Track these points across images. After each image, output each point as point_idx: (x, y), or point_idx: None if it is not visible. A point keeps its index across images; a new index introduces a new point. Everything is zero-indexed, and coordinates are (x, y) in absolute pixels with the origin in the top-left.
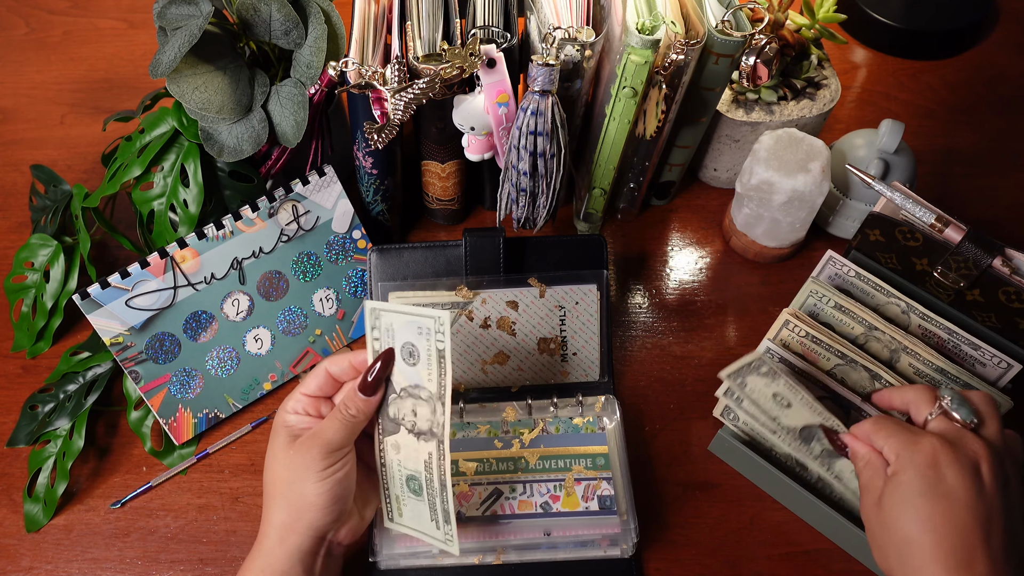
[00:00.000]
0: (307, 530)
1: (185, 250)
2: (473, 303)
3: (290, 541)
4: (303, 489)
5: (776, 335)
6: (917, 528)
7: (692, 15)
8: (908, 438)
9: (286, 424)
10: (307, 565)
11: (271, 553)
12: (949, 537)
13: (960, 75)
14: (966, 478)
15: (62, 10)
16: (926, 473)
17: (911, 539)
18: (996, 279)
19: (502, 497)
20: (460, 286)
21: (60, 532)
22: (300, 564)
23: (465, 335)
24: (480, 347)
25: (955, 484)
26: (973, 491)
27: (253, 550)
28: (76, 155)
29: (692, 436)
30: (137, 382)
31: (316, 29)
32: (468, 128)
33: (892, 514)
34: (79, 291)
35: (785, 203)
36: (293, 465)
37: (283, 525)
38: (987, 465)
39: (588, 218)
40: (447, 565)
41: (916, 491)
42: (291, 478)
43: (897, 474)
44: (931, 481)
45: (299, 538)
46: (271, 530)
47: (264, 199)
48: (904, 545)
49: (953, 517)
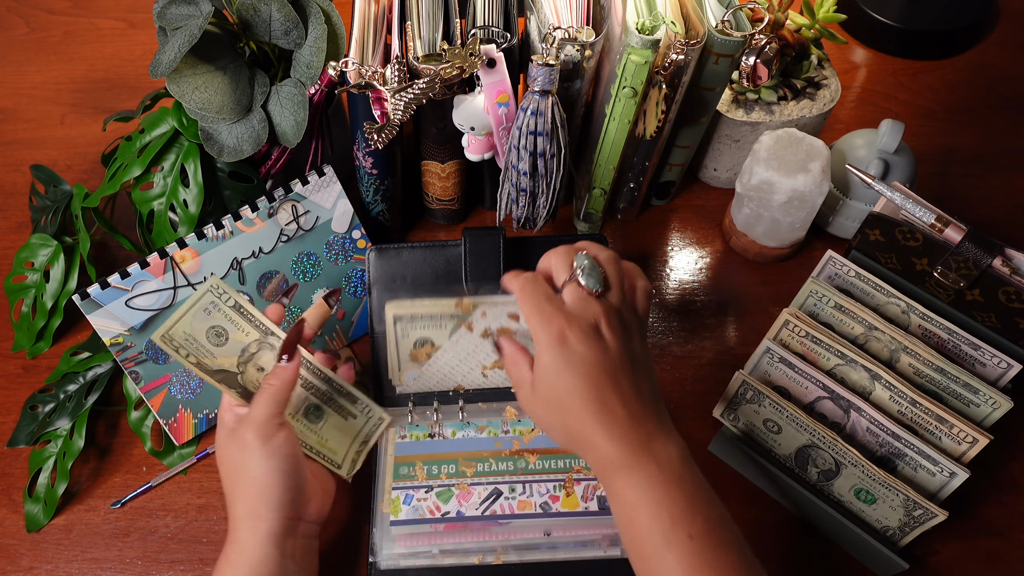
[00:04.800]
0: (272, 511)
1: (185, 250)
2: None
3: (260, 528)
4: (252, 473)
5: (776, 335)
6: (566, 398)
7: (692, 15)
8: (541, 318)
9: (224, 423)
10: (282, 547)
11: (245, 545)
12: (589, 394)
13: (960, 75)
14: (589, 342)
15: (62, 10)
16: (560, 350)
17: (564, 407)
18: (996, 279)
19: (502, 497)
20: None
21: (60, 532)
22: (275, 548)
23: (465, 343)
24: (480, 354)
25: (582, 351)
26: (598, 351)
27: (226, 549)
28: (76, 155)
29: (692, 436)
30: (137, 382)
31: (316, 29)
32: (468, 128)
33: (545, 395)
34: (79, 291)
35: (785, 203)
36: (234, 455)
37: (248, 514)
38: (606, 324)
39: (588, 218)
40: (447, 565)
41: (556, 369)
42: (238, 467)
43: (540, 357)
44: (565, 356)
45: (267, 523)
46: (239, 524)
47: (264, 199)
48: (562, 415)
49: (587, 378)
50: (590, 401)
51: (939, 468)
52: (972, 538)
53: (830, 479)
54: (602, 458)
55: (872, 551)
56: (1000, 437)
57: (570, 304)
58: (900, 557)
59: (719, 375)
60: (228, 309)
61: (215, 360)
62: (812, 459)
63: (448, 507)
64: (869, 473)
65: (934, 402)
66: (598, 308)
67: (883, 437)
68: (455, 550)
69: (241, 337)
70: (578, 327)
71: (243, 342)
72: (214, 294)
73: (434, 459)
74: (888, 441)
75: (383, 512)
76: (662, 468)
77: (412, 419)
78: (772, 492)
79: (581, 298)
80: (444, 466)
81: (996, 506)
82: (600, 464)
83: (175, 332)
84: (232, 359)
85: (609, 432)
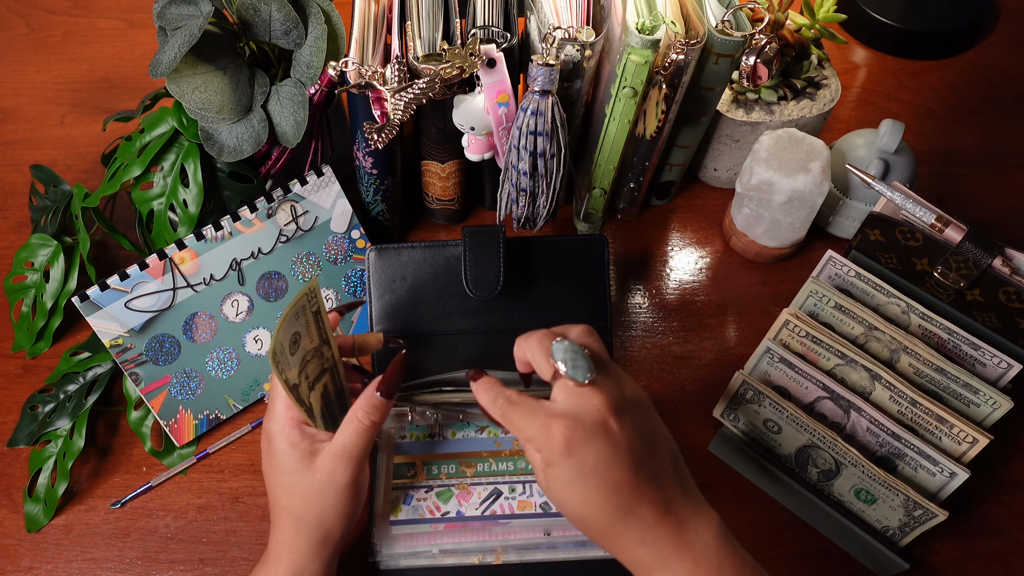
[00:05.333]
0: (341, 539)
1: (184, 251)
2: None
3: (325, 554)
4: (339, 509)
5: (776, 335)
6: (581, 509)
7: (692, 15)
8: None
9: (292, 442)
10: (333, 568)
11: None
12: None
13: (960, 75)
14: (600, 446)
15: (62, 10)
16: (568, 462)
17: (582, 518)
18: (996, 279)
19: (501, 497)
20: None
21: (60, 532)
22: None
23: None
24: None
25: (594, 457)
26: (610, 454)
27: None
28: (76, 155)
29: (692, 436)
30: (137, 384)
31: (316, 29)
32: (468, 128)
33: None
34: (78, 293)
35: (785, 203)
36: (324, 488)
37: (319, 542)
38: (613, 419)
39: (588, 218)
40: (447, 565)
41: (567, 481)
42: (324, 501)
43: (550, 466)
44: (574, 467)
45: (334, 548)
46: (304, 548)
47: (262, 200)
48: (580, 523)
49: (604, 486)
50: (611, 510)
51: (939, 468)
52: (972, 538)
53: (830, 479)
54: (632, 559)
55: (872, 551)
56: (1000, 437)
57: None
58: (900, 557)
59: (719, 375)
60: (311, 315)
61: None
62: (812, 459)
63: (448, 507)
64: (869, 473)
65: (934, 402)
66: (598, 402)
67: (883, 437)
68: (455, 550)
69: (307, 344)
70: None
71: (306, 348)
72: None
73: (434, 459)
74: (888, 441)
75: (383, 512)
76: (699, 563)
77: (412, 419)
78: (772, 492)
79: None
80: (444, 466)
81: (996, 506)
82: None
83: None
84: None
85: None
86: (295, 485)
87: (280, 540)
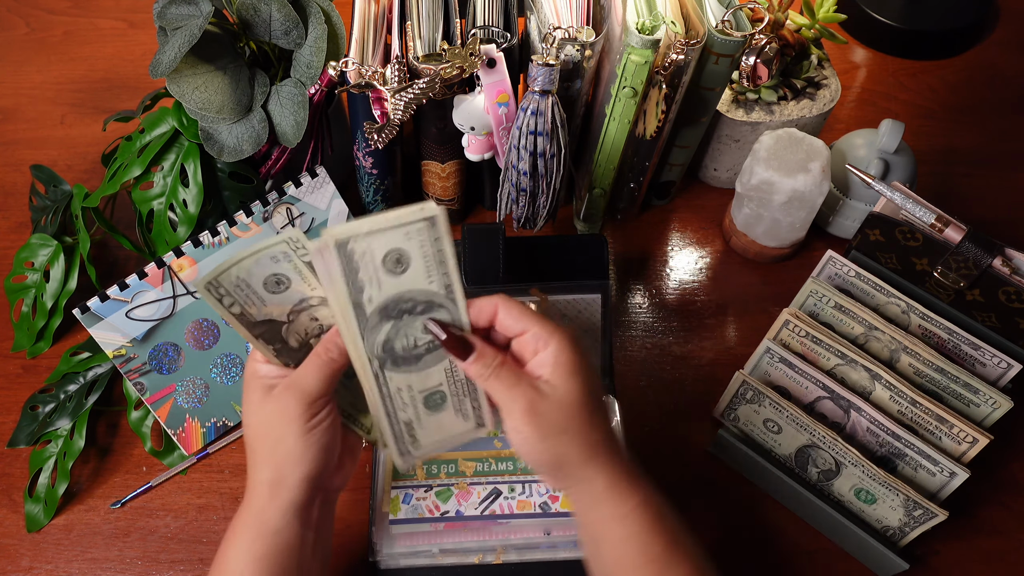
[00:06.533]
0: (298, 483)
1: (182, 259)
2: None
3: (282, 496)
4: (287, 444)
5: (776, 335)
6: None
7: (692, 15)
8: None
9: (257, 375)
10: (303, 517)
11: (263, 511)
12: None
13: (960, 75)
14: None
15: (62, 10)
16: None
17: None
18: (996, 279)
19: (501, 496)
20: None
21: (60, 532)
22: (296, 518)
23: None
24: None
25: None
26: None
27: (242, 509)
28: (76, 155)
29: (692, 436)
30: (143, 393)
31: (316, 29)
32: (468, 128)
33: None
34: (79, 305)
35: (785, 203)
36: (272, 420)
37: (271, 481)
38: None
39: (588, 218)
40: (447, 565)
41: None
42: (273, 434)
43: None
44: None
45: (290, 492)
46: (260, 487)
47: (258, 203)
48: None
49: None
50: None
51: (939, 468)
52: (972, 538)
53: (830, 479)
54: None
55: (872, 551)
56: (1000, 437)
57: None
58: (900, 557)
59: (719, 375)
60: (300, 263)
61: (263, 309)
62: (812, 459)
63: (447, 506)
64: (869, 473)
65: (934, 402)
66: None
67: (883, 437)
68: (455, 549)
69: (305, 289)
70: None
71: (304, 293)
72: (290, 245)
73: (433, 458)
74: (888, 441)
75: (382, 511)
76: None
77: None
78: (772, 492)
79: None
80: (443, 465)
81: (996, 506)
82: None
83: (225, 278)
84: (284, 308)
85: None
86: (253, 416)
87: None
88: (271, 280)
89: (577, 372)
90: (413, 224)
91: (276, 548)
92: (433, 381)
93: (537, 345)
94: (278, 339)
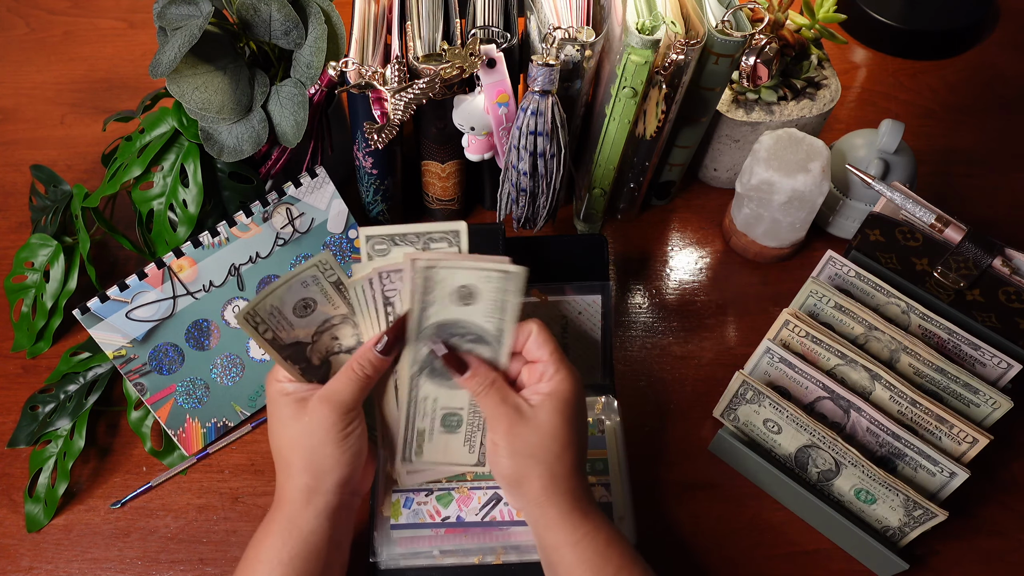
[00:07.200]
0: (333, 488)
1: (182, 259)
2: None
3: (317, 501)
4: (324, 452)
5: (776, 335)
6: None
7: (692, 15)
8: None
9: (285, 392)
10: (333, 520)
11: (298, 515)
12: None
13: (960, 75)
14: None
15: (62, 10)
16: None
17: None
18: (996, 279)
19: (501, 502)
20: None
21: (60, 532)
22: (328, 520)
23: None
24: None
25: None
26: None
27: (273, 514)
28: (76, 155)
29: (692, 436)
30: (143, 394)
31: (316, 29)
32: (468, 128)
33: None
34: (79, 306)
35: (785, 203)
36: (310, 429)
37: (308, 487)
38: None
39: (588, 218)
40: (447, 565)
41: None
42: (310, 443)
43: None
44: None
45: (325, 497)
46: (295, 494)
47: (258, 203)
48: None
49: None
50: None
51: (939, 468)
52: (972, 538)
53: (830, 479)
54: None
55: (872, 551)
56: (1000, 437)
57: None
58: (900, 557)
59: (719, 375)
60: (327, 284)
61: (291, 332)
62: (812, 459)
63: (448, 512)
64: (869, 473)
65: (934, 402)
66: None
67: (883, 437)
68: (455, 550)
69: (329, 309)
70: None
71: (328, 314)
72: (319, 269)
73: None
74: (888, 441)
75: (383, 515)
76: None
77: None
78: (772, 492)
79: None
80: None
81: (996, 506)
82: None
83: (262, 308)
84: (309, 330)
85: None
86: (286, 430)
87: (277, 491)
88: (299, 305)
89: (564, 409)
90: (495, 272)
91: (307, 549)
92: (457, 403)
93: (544, 374)
94: (303, 359)
